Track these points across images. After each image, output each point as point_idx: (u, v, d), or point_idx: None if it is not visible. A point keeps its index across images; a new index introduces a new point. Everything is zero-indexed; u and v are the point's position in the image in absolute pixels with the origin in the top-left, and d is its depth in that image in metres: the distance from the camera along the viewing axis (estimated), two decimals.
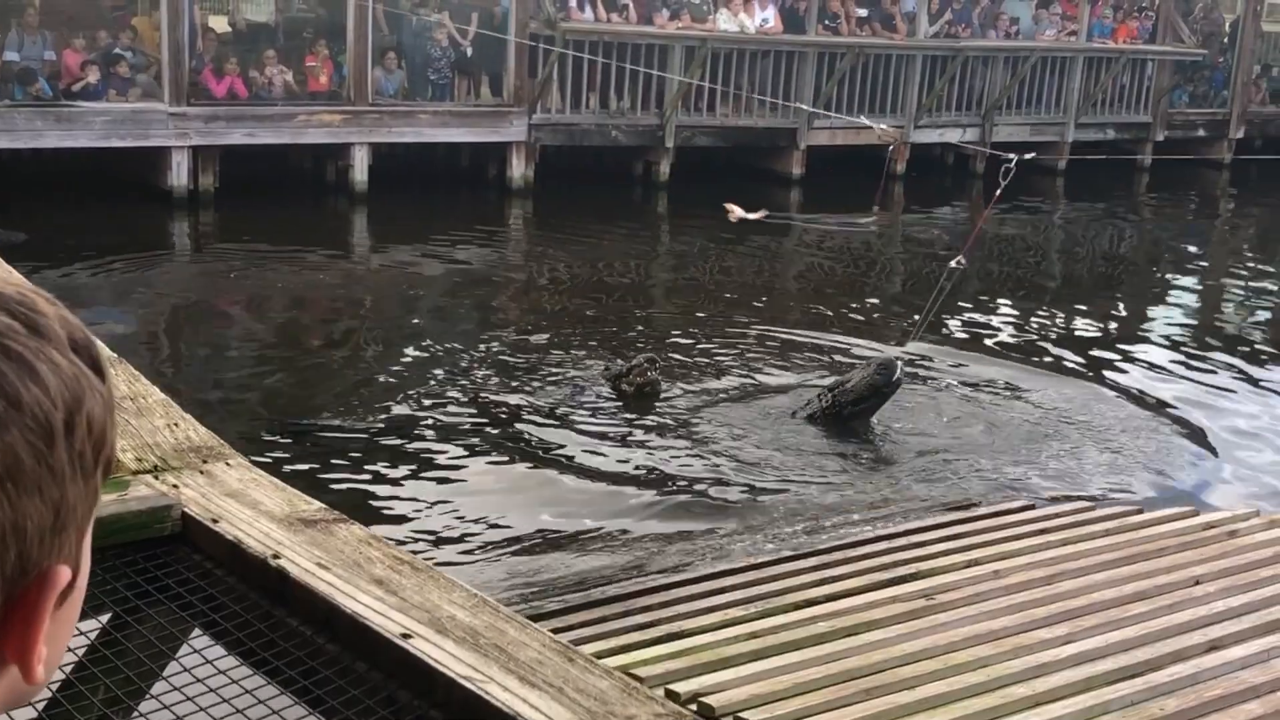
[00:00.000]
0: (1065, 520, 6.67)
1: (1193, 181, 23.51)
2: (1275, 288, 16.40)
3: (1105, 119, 23.02)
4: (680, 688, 4.48)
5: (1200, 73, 24.29)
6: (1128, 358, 11.47)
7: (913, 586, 5.59)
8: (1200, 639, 5.12)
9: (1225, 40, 24.98)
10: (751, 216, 10.08)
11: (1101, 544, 6.24)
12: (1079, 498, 7.66)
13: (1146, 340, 12.35)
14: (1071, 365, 11.02)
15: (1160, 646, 5.03)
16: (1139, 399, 10.09)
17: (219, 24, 17.46)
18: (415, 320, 11.98)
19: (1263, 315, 14.41)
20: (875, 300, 13.84)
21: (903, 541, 6.31)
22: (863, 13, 20.83)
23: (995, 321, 12.48)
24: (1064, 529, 6.48)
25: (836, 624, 5.14)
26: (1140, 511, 6.98)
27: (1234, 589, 5.66)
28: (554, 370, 10.12)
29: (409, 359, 10.38)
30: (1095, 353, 11.57)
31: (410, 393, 9.41)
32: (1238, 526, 6.60)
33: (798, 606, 5.34)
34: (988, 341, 11.67)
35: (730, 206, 10.14)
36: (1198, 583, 5.73)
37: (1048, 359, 11.20)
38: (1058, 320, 13.01)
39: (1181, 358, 11.61)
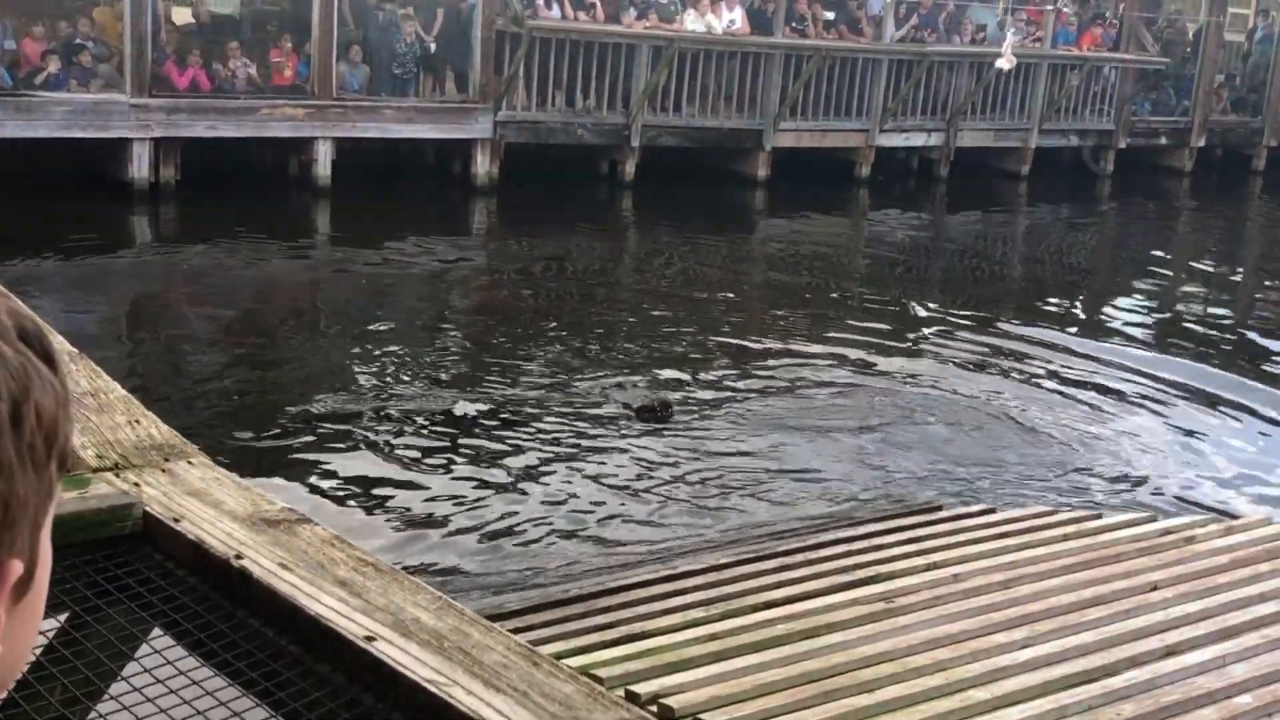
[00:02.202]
0: (1025, 524, 6.71)
1: (1155, 189, 23.72)
2: (1235, 294, 16.57)
3: (1069, 125, 23.18)
4: (640, 689, 4.48)
5: (1162, 81, 24.48)
6: (1088, 362, 11.55)
7: (873, 589, 5.61)
8: (1157, 644, 5.17)
9: (1188, 49, 25.17)
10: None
11: (1060, 548, 6.28)
12: (1039, 502, 7.71)
13: (1107, 345, 12.44)
14: (1032, 369, 11.09)
15: (1117, 651, 5.07)
16: (1098, 404, 10.17)
17: (183, 15, 17.29)
18: (378, 317, 11.93)
19: (1222, 323, 14.54)
20: (843, 302, 13.88)
21: (863, 544, 6.32)
22: (829, 15, 20.89)
23: (957, 324, 12.54)
24: (1023, 533, 6.51)
25: (797, 626, 5.15)
26: (1099, 516, 7.03)
27: (1191, 595, 5.71)
28: (519, 369, 10.10)
29: (373, 357, 10.33)
30: (1056, 357, 11.64)
31: (375, 391, 9.37)
32: (1195, 532, 6.65)
33: (758, 608, 5.35)
34: (949, 344, 11.73)
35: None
36: (1155, 588, 5.78)
37: (1009, 362, 11.26)
38: (1019, 324, 13.08)
39: (1141, 364, 11.69)
